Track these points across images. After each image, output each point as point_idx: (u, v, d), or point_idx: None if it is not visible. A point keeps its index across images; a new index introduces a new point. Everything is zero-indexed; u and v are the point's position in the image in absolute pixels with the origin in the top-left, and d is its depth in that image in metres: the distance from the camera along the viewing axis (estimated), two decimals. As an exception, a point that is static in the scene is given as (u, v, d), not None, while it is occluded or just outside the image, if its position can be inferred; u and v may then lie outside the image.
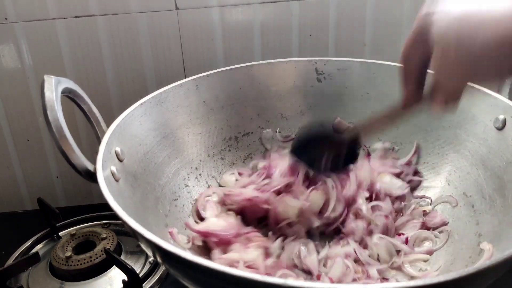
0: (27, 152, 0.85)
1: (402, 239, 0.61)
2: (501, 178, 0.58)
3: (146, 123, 0.64)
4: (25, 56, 0.78)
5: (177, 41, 0.80)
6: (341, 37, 0.82)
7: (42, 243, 0.75)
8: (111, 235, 0.71)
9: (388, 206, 0.63)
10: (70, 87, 0.58)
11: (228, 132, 0.75)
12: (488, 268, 0.37)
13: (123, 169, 0.56)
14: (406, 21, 0.81)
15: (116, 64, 0.81)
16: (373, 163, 0.70)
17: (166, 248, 0.40)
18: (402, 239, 0.61)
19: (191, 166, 0.70)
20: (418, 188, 0.69)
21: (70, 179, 0.88)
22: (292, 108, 0.77)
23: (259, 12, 0.80)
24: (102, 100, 0.82)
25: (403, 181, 0.68)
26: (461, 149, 0.65)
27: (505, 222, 0.54)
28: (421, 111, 0.70)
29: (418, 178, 0.69)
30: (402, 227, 0.64)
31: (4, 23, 0.76)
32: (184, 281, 0.45)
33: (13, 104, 0.81)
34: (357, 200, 0.63)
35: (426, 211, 0.65)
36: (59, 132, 0.52)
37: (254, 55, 0.83)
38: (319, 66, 0.75)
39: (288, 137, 0.76)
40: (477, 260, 0.53)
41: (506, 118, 0.59)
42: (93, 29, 0.78)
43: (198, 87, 0.71)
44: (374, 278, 0.56)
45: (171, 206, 0.64)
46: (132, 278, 0.60)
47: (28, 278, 0.67)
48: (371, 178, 0.66)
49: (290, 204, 0.62)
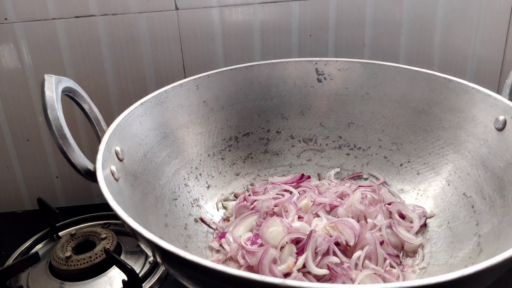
0: (27, 152, 0.85)
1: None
2: (501, 179, 0.58)
3: (146, 122, 0.64)
4: (25, 56, 0.78)
5: (177, 41, 0.80)
6: (341, 37, 0.82)
7: (42, 243, 0.75)
8: (111, 235, 0.71)
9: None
10: (70, 87, 0.58)
11: (228, 132, 0.75)
12: (488, 268, 0.37)
13: (123, 169, 0.56)
14: (406, 21, 0.81)
15: (116, 64, 0.81)
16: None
17: (165, 248, 0.40)
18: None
19: (191, 166, 0.70)
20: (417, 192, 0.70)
21: (70, 179, 0.88)
22: (292, 108, 0.77)
23: (259, 12, 0.80)
24: (102, 100, 0.82)
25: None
26: (461, 150, 0.65)
27: (504, 222, 0.54)
28: (421, 111, 0.70)
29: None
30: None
31: (4, 23, 0.76)
32: (183, 281, 0.45)
33: (13, 104, 0.81)
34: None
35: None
36: (59, 131, 0.52)
37: (254, 55, 0.83)
38: (320, 67, 0.75)
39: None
40: (477, 260, 0.53)
41: (506, 118, 0.59)
42: (93, 29, 0.78)
43: (198, 87, 0.71)
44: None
45: (170, 205, 0.64)
46: (132, 278, 0.60)
47: (28, 278, 0.67)
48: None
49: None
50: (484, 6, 0.80)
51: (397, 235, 0.62)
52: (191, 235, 0.64)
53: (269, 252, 0.57)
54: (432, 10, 0.81)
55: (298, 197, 0.68)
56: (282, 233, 0.60)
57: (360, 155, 0.76)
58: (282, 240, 0.58)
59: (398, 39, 0.83)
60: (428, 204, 0.68)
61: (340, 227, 0.60)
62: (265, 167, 0.77)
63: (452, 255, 0.58)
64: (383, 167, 0.74)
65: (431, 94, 0.69)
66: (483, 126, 0.62)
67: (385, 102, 0.74)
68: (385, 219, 0.64)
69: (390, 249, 0.61)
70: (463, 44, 0.83)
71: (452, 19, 0.81)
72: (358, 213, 0.64)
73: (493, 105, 0.61)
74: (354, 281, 0.55)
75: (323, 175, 0.76)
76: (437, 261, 0.60)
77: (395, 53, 0.84)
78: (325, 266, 0.56)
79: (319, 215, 0.65)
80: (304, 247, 0.57)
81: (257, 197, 0.69)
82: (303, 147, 0.78)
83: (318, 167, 0.77)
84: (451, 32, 0.82)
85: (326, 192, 0.69)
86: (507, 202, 0.55)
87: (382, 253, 0.59)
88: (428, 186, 0.69)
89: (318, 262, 0.56)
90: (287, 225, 0.61)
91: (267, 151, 0.77)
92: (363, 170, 0.75)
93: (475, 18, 0.81)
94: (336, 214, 0.65)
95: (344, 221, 0.62)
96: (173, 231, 0.61)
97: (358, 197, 0.66)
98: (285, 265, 0.56)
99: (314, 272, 0.55)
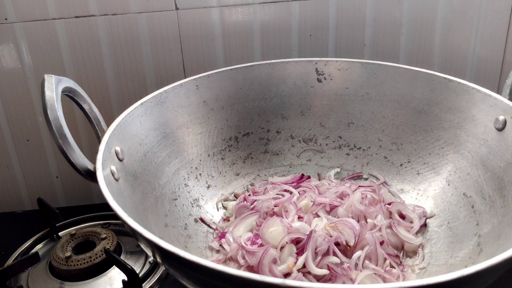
0: (27, 152, 0.85)
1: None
2: (501, 179, 0.58)
3: (146, 122, 0.64)
4: (25, 56, 0.78)
5: (177, 41, 0.80)
6: (341, 37, 0.82)
7: (42, 243, 0.75)
8: (111, 235, 0.71)
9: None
10: (70, 86, 0.58)
11: (228, 132, 0.75)
12: (488, 268, 0.37)
13: (123, 169, 0.56)
14: (406, 21, 0.81)
15: (116, 64, 0.81)
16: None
17: (165, 248, 0.40)
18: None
19: (191, 166, 0.70)
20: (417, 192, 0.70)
21: (70, 179, 0.88)
22: (292, 108, 0.77)
23: (259, 12, 0.80)
24: (102, 100, 0.82)
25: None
26: (461, 150, 0.65)
27: (504, 222, 0.54)
28: (421, 111, 0.70)
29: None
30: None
31: (4, 23, 0.76)
32: (183, 281, 0.45)
33: (13, 104, 0.81)
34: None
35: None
36: (59, 131, 0.52)
37: (254, 55, 0.83)
38: (320, 67, 0.75)
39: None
40: (477, 260, 0.53)
41: (506, 118, 0.59)
42: (93, 29, 0.78)
43: (198, 87, 0.71)
44: None
45: (170, 205, 0.64)
46: (132, 278, 0.60)
47: (27, 278, 0.67)
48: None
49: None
50: (484, 6, 0.81)
51: (397, 235, 0.62)
52: (191, 235, 0.64)
53: (269, 252, 0.57)
54: (432, 10, 0.81)
55: (298, 197, 0.68)
56: (282, 233, 0.60)
57: (360, 155, 0.76)
58: (282, 240, 0.58)
59: (398, 39, 0.83)
60: (428, 204, 0.68)
61: (340, 227, 0.60)
62: (265, 167, 0.77)
63: (452, 255, 0.58)
64: (383, 167, 0.74)
65: (431, 94, 0.69)
66: (483, 126, 0.62)
67: (385, 102, 0.74)
68: (385, 219, 0.64)
69: (390, 249, 0.61)
70: (463, 44, 0.83)
71: (452, 19, 0.81)
72: (358, 213, 0.64)
73: (493, 105, 0.61)
74: (354, 281, 0.55)
75: (323, 175, 0.76)
76: (437, 261, 0.59)
77: (395, 53, 0.84)
78: (325, 266, 0.56)
79: (319, 215, 0.65)
80: (304, 247, 0.57)
81: (257, 197, 0.69)
82: (303, 147, 0.78)
83: (318, 167, 0.77)
84: (451, 32, 0.82)
85: (326, 192, 0.69)
86: (507, 202, 0.55)
87: (382, 253, 0.59)
88: (428, 186, 0.69)
89: (318, 262, 0.56)
90: (287, 225, 0.61)
91: (267, 151, 0.77)
92: (363, 170, 0.75)
93: (475, 18, 0.81)
94: (336, 214, 0.65)
95: (344, 221, 0.62)
96: (173, 231, 0.61)
97: (358, 197, 0.66)
98: (285, 265, 0.56)
99: (314, 272, 0.55)
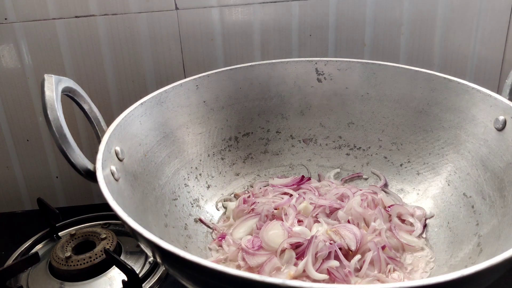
0: (27, 152, 0.85)
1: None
2: (501, 179, 0.58)
3: (146, 122, 0.64)
4: (25, 56, 0.78)
5: (177, 41, 0.80)
6: (341, 37, 0.82)
7: (42, 243, 0.75)
8: (110, 235, 0.71)
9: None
10: (70, 86, 0.58)
11: (228, 132, 0.75)
12: (488, 268, 0.37)
13: (123, 169, 0.56)
14: (406, 20, 0.81)
15: (116, 64, 0.81)
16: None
17: (165, 248, 0.40)
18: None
19: (191, 166, 0.70)
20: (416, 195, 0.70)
21: (70, 179, 0.88)
22: (292, 108, 0.77)
23: (259, 12, 0.80)
24: (102, 100, 0.82)
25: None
26: (461, 150, 0.65)
27: (504, 222, 0.54)
28: (421, 111, 0.70)
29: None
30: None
31: (4, 23, 0.76)
32: (183, 281, 0.45)
33: (13, 104, 0.81)
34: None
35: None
36: (59, 131, 0.52)
37: (254, 55, 0.83)
38: (320, 67, 0.75)
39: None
40: (477, 260, 0.53)
41: (506, 118, 0.59)
42: (93, 29, 0.78)
43: (198, 87, 0.71)
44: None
45: (170, 206, 0.64)
46: (132, 278, 0.60)
47: (27, 278, 0.67)
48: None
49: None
50: (484, 6, 0.81)
51: (397, 238, 0.62)
52: (191, 235, 0.64)
53: (273, 261, 0.57)
54: (432, 10, 0.81)
55: (297, 199, 0.68)
56: (282, 236, 0.60)
57: (360, 155, 0.76)
58: (282, 243, 0.58)
59: (398, 39, 0.83)
60: (428, 204, 0.68)
61: (342, 233, 0.60)
62: (265, 167, 0.77)
63: (452, 255, 0.58)
64: (383, 167, 0.74)
65: (431, 94, 0.69)
66: (483, 126, 0.62)
67: (385, 102, 0.74)
68: (385, 222, 0.64)
69: (392, 253, 0.60)
70: (463, 44, 0.83)
71: (452, 19, 0.81)
72: (358, 216, 0.64)
73: (493, 105, 0.61)
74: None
75: (323, 176, 0.76)
76: (437, 261, 0.60)
77: (395, 53, 0.84)
78: (325, 271, 0.56)
79: (319, 220, 0.65)
80: (304, 251, 0.57)
81: (257, 200, 0.69)
82: (303, 147, 0.78)
83: (318, 167, 0.77)
84: (451, 32, 0.82)
85: (326, 194, 0.69)
86: (507, 202, 0.55)
87: (384, 258, 0.58)
88: (428, 186, 0.69)
89: (318, 267, 0.56)
90: (287, 229, 0.61)
91: (267, 151, 0.77)
92: (363, 170, 0.75)
93: (475, 18, 0.81)
94: (336, 217, 0.65)
95: (346, 226, 0.62)
96: (173, 231, 0.61)
97: (358, 200, 0.66)
98: (286, 275, 0.56)
99: (313, 277, 0.55)
